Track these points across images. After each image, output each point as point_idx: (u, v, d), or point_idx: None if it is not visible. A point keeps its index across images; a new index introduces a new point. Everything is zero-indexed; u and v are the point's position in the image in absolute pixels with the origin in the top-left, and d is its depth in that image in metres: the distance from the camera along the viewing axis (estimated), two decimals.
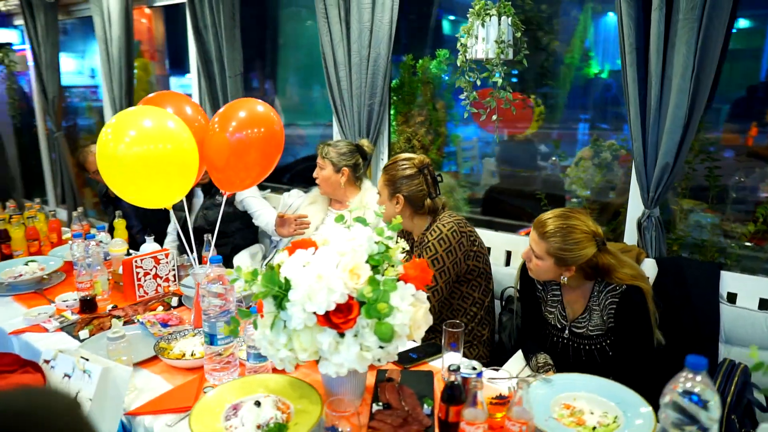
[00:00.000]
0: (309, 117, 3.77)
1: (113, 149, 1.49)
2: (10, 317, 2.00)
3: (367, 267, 1.30)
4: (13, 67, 4.77)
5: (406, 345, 1.34)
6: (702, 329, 2.00)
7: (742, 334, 1.94)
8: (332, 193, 2.64)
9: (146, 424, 1.42)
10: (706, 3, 1.82)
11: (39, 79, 4.41)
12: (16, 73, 4.86)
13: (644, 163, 2.08)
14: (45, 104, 4.48)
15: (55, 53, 4.25)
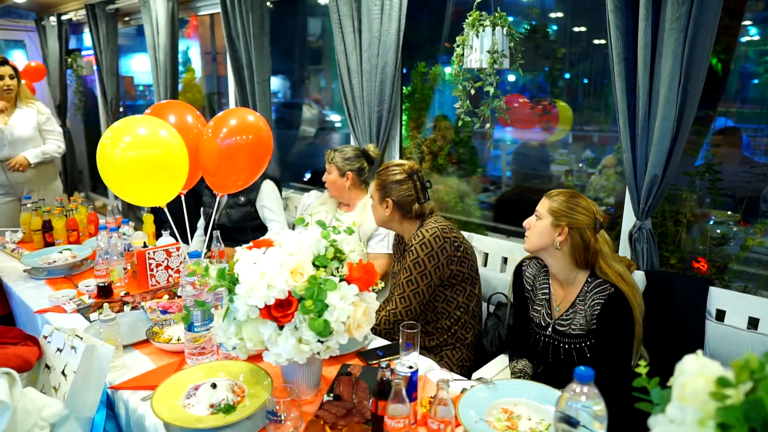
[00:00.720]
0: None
1: (110, 153, 1.71)
2: (40, 298, 2.28)
3: (310, 267, 1.44)
4: (80, 71, 5.28)
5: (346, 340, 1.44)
6: (686, 346, 1.97)
7: (726, 352, 1.90)
8: (339, 195, 2.78)
9: (125, 398, 1.62)
10: (691, 12, 1.81)
11: (101, 82, 4.86)
12: (83, 77, 5.38)
13: (634, 175, 2.08)
14: (105, 105, 4.93)
15: (114, 59, 4.67)
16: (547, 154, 2.97)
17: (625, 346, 1.76)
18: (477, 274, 2.24)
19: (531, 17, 2.50)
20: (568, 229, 1.79)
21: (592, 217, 1.79)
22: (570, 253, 1.81)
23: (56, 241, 2.84)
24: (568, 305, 1.86)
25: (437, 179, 3.01)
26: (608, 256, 1.81)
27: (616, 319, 1.75)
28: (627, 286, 1.78)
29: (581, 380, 1.06)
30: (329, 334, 1.40)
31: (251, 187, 3.16)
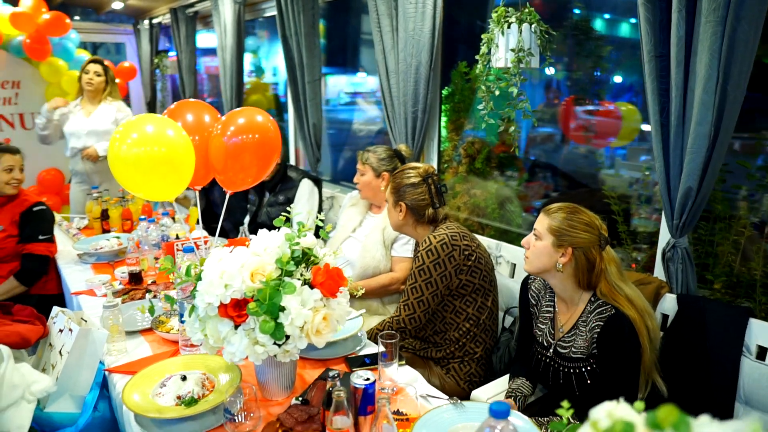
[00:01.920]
0: None
1: (118, 149, 1.83)
2: (81, 281, 2.51)
3: (272, 269, 1.45)
4: (165, 70, 5.71)
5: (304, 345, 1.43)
6: (714, 383, 1.76)
7: (763, 396, 1.67)
8: (372, 197, 2.77)
9: (115, 381, 1.73)
10: (731, 2, 1.60)
11: (181, 80, 5.22)
12: (168, 75, 5.82)
13: (667, 186, 1.88)
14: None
15: (192, 58, 5.00)
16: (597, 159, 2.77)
17: (627, 373, 1.60)
18: (491, 286, 2.14)
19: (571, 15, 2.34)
20: (572, 250, 1.65)
21: (596, 234, 1.64)
22: (573, 274, 1.67)
23: (111, 229, 3.10)
24: (570, 326, 1.73)
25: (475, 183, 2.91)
26: (614, 275, 1.66)
27: (615, 344, 1.60)
28: (633, 309, 1.62)
29: (496, 416, 0.98)
30: (284, 337, 1.41)
31: (290, 186, 3.26)
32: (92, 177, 3.76)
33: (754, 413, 1.69)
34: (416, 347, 2.21)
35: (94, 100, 3.74)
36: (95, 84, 3.70)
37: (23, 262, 2.67)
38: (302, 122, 3.69)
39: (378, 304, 2.60)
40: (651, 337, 1.65)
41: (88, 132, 3.65)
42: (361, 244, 2.65)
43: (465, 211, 2.95)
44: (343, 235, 2.79)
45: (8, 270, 2.67)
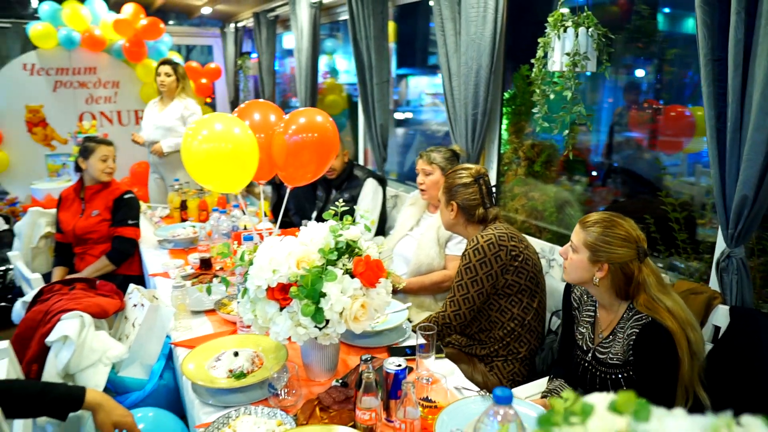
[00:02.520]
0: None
1: (190, 144, 2.04)
2: (159, 264, 2.78)
3: (316, 257, 1.58)
4: (247, 71, 6.07)
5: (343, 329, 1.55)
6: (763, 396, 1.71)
7: None
8: (438, 196, 2.86)
9: (179, 353, 1.93)
10: None
11: (260, 81, 5.54)
12: (249, 76, 6.18)
13: (722, 194, 1.84)
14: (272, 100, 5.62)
15: (271, 60, 5.30)
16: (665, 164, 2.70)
17: (661, 383, 1.60)
18: (537, 287, 2.17)
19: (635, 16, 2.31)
20: (608, 266, 1.66)
21: (633, 248, 1.63)
22: (610, 287, 1.68)
23: (189, 219, 3.38)
24: (609, 332, 1.74)
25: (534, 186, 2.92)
26: (653, 287, 1.64)
27: (651, 352, 1.60)
28: (673, 321, 1.60)
29: (498, 402, 1.05)
30: (324, 321, 1.54)
31: (355, 184, 3.40)
32: (159, 168, 4.13)
33: None
34: (462, 344, 2.27)
35: (168, 98, 4.09)
36: (167, 84, 4.05)
37: (114, 244, 2.98)
38: (370, 122, 3.84)
39: (431, 300, 2.69)
40: (693, 350, 1.62)
41: (156, 127, 4.01)
42: (416, 242, 2.75)
43: (522, 214, 2.97)
44: (400, 233, 2.90)
45: (100, 250, 3.00)
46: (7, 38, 5.74)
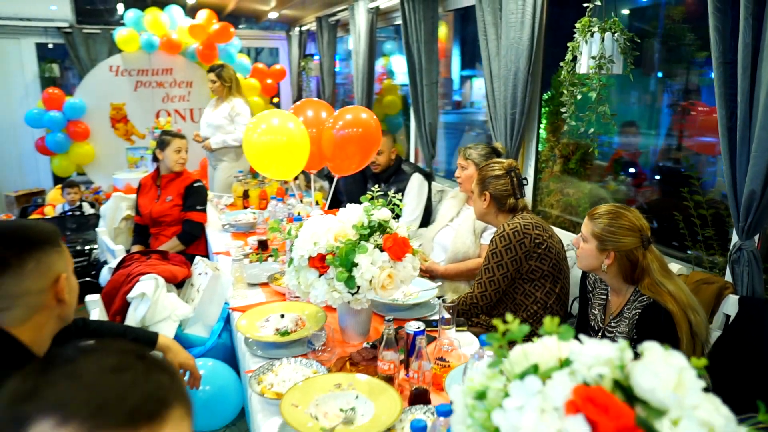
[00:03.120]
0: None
1: (250, 136, 2.37)
2: (222, 244, 3.14)
3: (352, 233, 1.86)
4: (309, 72, 6.47)
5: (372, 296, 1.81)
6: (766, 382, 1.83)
7: None
8: (471, 189, 3.09)
9: (234, 317, 2.26)
10: None
11: (321, 82, 5.91)
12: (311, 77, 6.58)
13: (733, 190, 1.98)
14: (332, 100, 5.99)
15: (331, 62, 5.65)
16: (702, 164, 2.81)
17: None
18: (560, 273, 2.35)
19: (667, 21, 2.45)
20: (614, 253, 1.84)
21: (638, 237, 1.80)
22: (618, 273, 1.86)
23: (250, 206, 3.75)
24: (617, 313, 1.92)
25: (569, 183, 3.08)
26: (657, 272, 1.80)
27: (650, 330, 1.77)
28: (674, 303, 1.77)
29: (483, 345, 1.29)
30: (355, 287, 1.81)
31: (402, 179, 3.67)
32: (212, 161, 4.60)
33: None
34: (488, 324, 2.49)
35: (219, 99, 4.52)
36: (214, 89, 4.50)
37: (184, 226, 3.39)
38: (420, 121, 4.09)
39: (465, 286, 2.91)
40: (694, 331, 1.78)
41: (208, 125, 4.47)
42: (455, 232, 2.98)
43: (557, 209, 3.14)
44: (441, 224, 3.14)
45: (172, 231, 3.41)
46: (96, 43, 6.38)
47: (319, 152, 2.55)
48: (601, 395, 0.78)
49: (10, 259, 1.18)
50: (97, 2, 6.67)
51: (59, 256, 1.26)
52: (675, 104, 2.96)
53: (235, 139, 4.40)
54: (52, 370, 0.61)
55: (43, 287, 1.22)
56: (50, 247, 1.24)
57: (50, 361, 0.62)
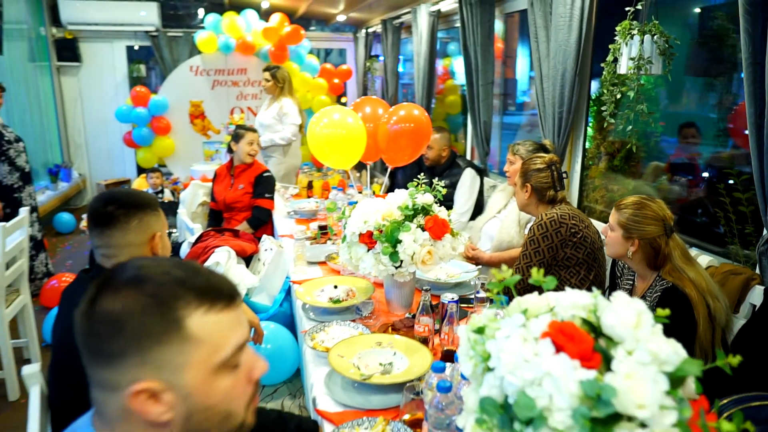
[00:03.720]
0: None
1: (313, 129, 2.69)
2: (287, 228, 3.49)
3: (398, 214, 2.12)
4: (374, 72, 6.80)
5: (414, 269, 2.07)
6: None
7: None
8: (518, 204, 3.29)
9: (294, 288, 2.58)
10: None
11: (385, 82, 6.22)
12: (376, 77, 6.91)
13: (762, 184, 2.10)
14: (386, 99, 6.29)
15: (395, 63, 5.95)
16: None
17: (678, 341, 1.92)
18: (594, 262, 2.53)
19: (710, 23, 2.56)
20: (639, 241, 2.01)
21: (661, 225, 1.97)
22: (642, 259, 2.03)
23: (313, 196, 4.09)
24: (640, 296, 2.09)
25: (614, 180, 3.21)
26: (678, 259, 1.96)
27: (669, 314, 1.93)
28: (693, 288, 1.92)
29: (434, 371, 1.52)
30: (399, 261, 2.07)
31: (455, 173, 3.90)
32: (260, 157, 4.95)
33: None
34: None
35: (272, 99, 4.88)
36: (266, 87, 4.87)
37: (254, 212, 3.77)
38: (475, 120, 4.31)
39: None
40: (713, 316, 1.93)
41: (259, 124, 4.83)
42: (501, 222, 3.20)
43: (602, 204, 3.28)
44: (489, 215, 3.36)
45: (243, 216, 3.80)
46: (178, 45, 6.98)
47: (375, 145, 2.83)
48: (570, 328, 1.02)
49: (120, 216, 1.53)
50: (180, 8, 7.28)
51: (156, 218, 1.61)
52: (720, 104, 3.04)
53: (282, 138, 4.77)
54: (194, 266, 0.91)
55: (143, 241, 1.57)
56: (150, 210, 1.59)
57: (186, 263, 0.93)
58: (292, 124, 4.77)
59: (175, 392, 0.83)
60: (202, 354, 0.85)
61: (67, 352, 1.43)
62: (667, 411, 0.94)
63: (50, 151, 6.81)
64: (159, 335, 0.82)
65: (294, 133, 4.79)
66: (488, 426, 1.02)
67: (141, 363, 0.81)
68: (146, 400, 0.81)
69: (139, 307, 0.81)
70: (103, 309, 0.82)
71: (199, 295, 0.85)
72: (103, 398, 0.85)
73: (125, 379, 0.81)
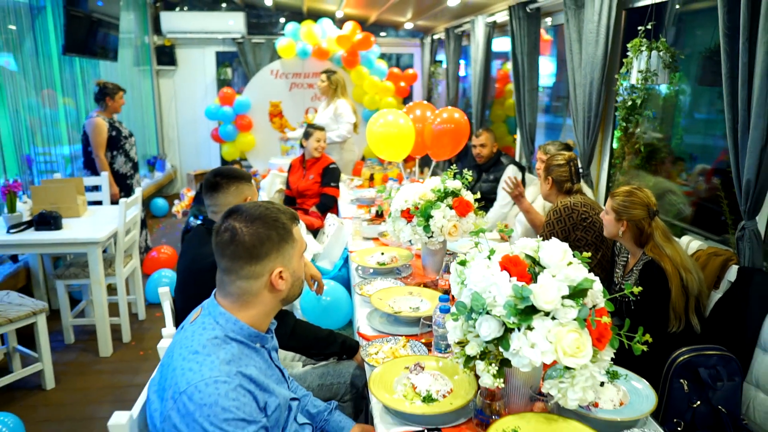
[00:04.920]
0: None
1: (371, 127, 3.34)
2: (350, 211, 4.16)
3: (431, 195, 2.73)
4: (438, 76, 7.39)
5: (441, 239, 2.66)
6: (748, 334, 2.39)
7: None
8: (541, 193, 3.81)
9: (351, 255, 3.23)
10: None
11: (447, 86, 6.81)
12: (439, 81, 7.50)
13: (738, 179, 2.54)
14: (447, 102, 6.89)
15: (456, 68, 6.54)
16: None
17: (654, 307, 2.41)
18: (602, 244, 3.02)
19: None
20: (627, 222, 2.51)
21: (646, 209, 2.46)
22: (630, 238, 2.53)
23: (374, 186, 4.75)
24: (629, 270, 2.59)
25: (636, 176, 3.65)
26: (659, 238, 2.44)
27: (647, 282, 2.42)
28: (670, 263, 2.40)
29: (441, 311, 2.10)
30: (430, 232, 2.68)
31: (499, 169, 4.44)
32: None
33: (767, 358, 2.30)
34: None
35: (328, 101, 5.55)
36: (321, 88, 5.53)
37: (321, 199, 4.48)
38: (522, 122, 4.83)
39: None
40: (686, 286, 2.40)
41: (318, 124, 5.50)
42: None
43: None
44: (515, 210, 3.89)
45: (313, 203, 4.52)
46: (261, 50, 7.87)
47: (422, 142, 3.45)
48: (516, 259, 1.62)
49: (222, 182, 2.23)
50: (263, 16, 8.17)
51: (248, 187, 2.30)
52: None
53: (338, 135, 5.44)
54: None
55: (238, 202, 2.26)
56: (245, 181, 2.29)
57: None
58: (347, 123, 5.46)
59: (290, 271, 1.49)
60: (297, 248, 1.51)
61: (190, 275, 2.15)
62: (568, 309, 1.51)
63: (148, 144, 7.86)
64: (285, 240, 1.47)
65: (349, 131, 5.47)
66: (456, 317, 1.62)
67: (276, 257, 1.46)
68: (278, 279, 1.47)
69: (274, 227, 1.46)
70: (252, 233, 1.46)
71: (290, 217, 1.51)
72: (247, 286, 1.48)
73: (268, 268, 1.46)
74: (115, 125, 4.85)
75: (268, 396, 1.44)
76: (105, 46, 5.62)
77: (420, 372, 1.85)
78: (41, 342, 3.27)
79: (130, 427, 1.41)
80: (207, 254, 1.87)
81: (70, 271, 3.79)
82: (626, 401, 1.76)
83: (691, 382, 2.22)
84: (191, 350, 1.38)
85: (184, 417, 1.29)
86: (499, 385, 1.55)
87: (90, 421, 3.10)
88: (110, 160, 4.78)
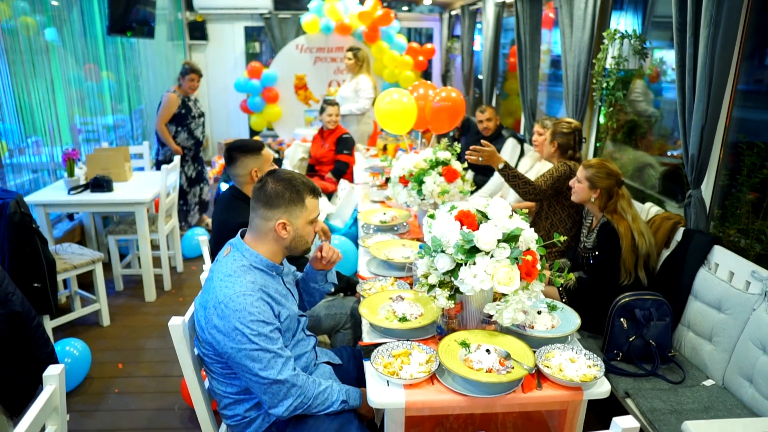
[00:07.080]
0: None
1: (379, 103, 3.87)
2: (363, 178, 4.72)
3: (424, 164, 3.26)
4: (454, 51, 7.81)
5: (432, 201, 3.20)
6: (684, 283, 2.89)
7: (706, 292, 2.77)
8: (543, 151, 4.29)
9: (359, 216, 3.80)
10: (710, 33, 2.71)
11: (462, 61, 7.24)
12: (455, 55, 7.92)
13: (686, 152, 3.01)
14: (462, 77, 7.32)
15: (470, 44, 6.95)
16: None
17: (607, 262, 2.91)
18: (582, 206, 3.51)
19: None
20: (599, 190, 3.00)
21: (614, 179, 2.95)
22: (598, 203, 3.03)
23: (387, 156, 5.28)
24: (592, 230, 3.10)
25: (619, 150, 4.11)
26: (624, 204, 2.94)
27: (602, 240, 2.93)
28: (623, 224, 2.90)
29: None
30: (422, 195, 3.21)
31: (500, 141, 4.94)
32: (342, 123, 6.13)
33: (698, 303, 2.80)
34: None
35: (352, 76, 6.06)
36: (348, 66, 6.03)
37: (335, 165, 5.04)
38: (524, 97, 5.28)
39: None
40: (636, 247, 2.89)
41: (341, 96, 6.02)
42: None
43: None
44: None
45: (328, 169, 5.09)
46: (287, 26, 8.37)
47: (423, 117, 3.96)
48: (468, 213, 2.16)
49: (231, 156, 2.81)
50: None
51: (253, 159, 2.82)
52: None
53: (358, 108, 5.99)
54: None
55: (248, 173, 2.82)
56: (250, 154, 2.81)
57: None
58: (366, 98, 6.00)
59: (293, 228, 2.05)
60: (306, 214, 2.07)
61: (222, 228, 2.75)
62: (502, 249, 2.05)
63: None
64: (295, 203, 2.03)
65: (367, 105, 6.01)
66: (422, 255, 2.17)
67: (284, 212, 2.02)
68: (281, 228, 2.03)
69: (290, 189, 2.02)
70: (273, 188, 2.03)
71: (310, 189, 2.07)
72: (261, 224, 2.05)
73: (276, 217, 2.02)
74: (188, 104, 5.39)
75: (281, 308, 2.02)
76: (142, 23, 6.19)
77: (400, 302, 2.42)
78: (98, 285, 3.94)
79: (183, 328, 2.01)
80: (231, 219, 2.54)
81: (120, 228, 4.45)
82: (557, 326, 2.30)
83: (629, 321, 2.73)
84: (226, 274, 1.97)
85: (221, 318, 1.88)
86: (452, 306, 2.11)
87: (141, 351, 3.77)
88: (173, 134, 5.33)
